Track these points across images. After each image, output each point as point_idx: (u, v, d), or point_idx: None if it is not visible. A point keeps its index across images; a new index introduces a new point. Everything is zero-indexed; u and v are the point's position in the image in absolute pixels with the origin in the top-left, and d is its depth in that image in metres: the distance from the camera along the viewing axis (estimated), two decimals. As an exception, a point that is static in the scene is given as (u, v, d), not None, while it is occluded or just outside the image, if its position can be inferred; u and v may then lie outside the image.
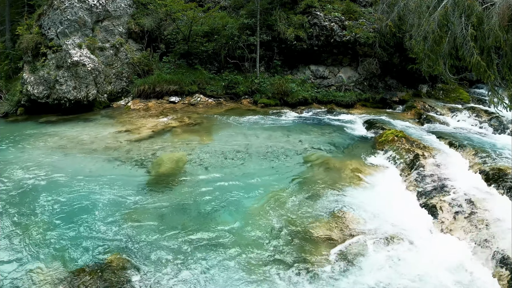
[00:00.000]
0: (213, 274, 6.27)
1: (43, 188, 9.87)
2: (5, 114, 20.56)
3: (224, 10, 22.50)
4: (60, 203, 8.95)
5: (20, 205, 8.95)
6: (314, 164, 10.89)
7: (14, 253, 7.10)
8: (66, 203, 8.90)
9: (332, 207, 8.24)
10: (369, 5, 20.74)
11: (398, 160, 10.64)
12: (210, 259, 6.63)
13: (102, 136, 14.29)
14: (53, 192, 9.58)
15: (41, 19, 20.54)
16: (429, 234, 7.30)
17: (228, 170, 10.65)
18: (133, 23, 21.44)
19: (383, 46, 18.01)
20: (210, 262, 6.56)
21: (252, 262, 6.52)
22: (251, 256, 6.67)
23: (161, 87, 19.38)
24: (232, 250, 6.85)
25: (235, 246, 6.98)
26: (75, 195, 9.35)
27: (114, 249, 7.04)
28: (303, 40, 19.49)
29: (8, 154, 13.02)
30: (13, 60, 27.18)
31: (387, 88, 19.18)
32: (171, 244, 7.10)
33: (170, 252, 6.85)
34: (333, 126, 14.80)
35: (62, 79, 18.77)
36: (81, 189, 9.66)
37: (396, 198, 8.75)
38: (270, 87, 18.76)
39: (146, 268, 6.44)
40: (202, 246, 7.03)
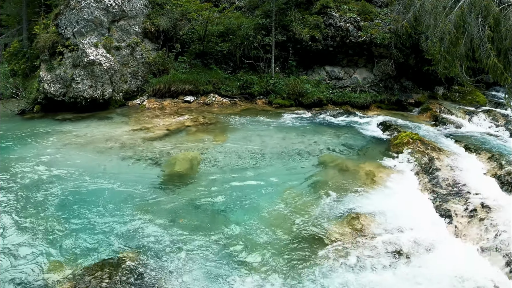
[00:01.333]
0: (224, 273, 6.26)
1: (57, 184, 9.98)
2: (22, 111, 20.82)
3: (239, 10, 22.48)
4: (73, 199, 9.06)
5: (34, 201, 9.07)
6: (328, 165, 10.84)
7: (26, 247, 7.18)
8: (80, 199, 9.00)
9: (346, 209, 8.19)
10: (384, 6, 20.52)
11: (413, 162, 10.54)
12: (222, 259, 6.64)
13: (117, 134, 14.39)
14: (67, 188, 9.69)
15: (58, 19, 20.72)
16: (443, 238, 7.21)
17: (242, 170, 10.64)
18: (149, 23, 21.54)
19: (398, 47, 17.79)
20: (222, 261, 6.56)
21: (263, 262, 6.51)
22: (262, 256, 6.66)
23: (176, 87, 19.44)
24: (244, 250, 6.85)
25: (247, 246, 6.97)
26: (89, 191, 9.45)
27: (127, 245, 7.09)
28: (318, 41, 19.38)
29: (24, 150, 13.19)
30: (30, 58, 27.49)
31: (402, 89, 19.03)
32: (184, 242, 7.12)
33: (183, 251, 6.86)
34: (347, 127, 14.74)
35: (79, 77, 18.92)
36: (95, 186, 9.75)
37: (410, 201, 8.66)
38: (285, 87, 18.73)
39: (158, 266, 6.46)
40: (215, 245, 7.04)
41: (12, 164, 11.70)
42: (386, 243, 6.93)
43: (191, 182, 9.89)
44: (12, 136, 15.53)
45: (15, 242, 7.37)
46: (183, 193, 9.26)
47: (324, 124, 15.32)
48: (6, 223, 8.08)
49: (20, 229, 7.84)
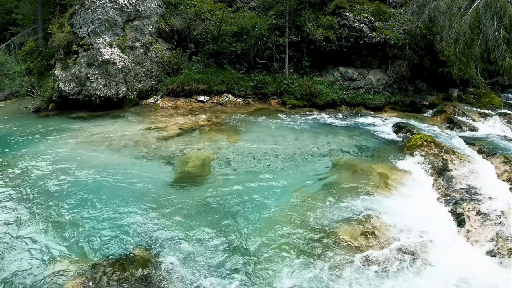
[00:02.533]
0: (235, 274, 6.28)
1: (70, 180, 10.09)
2: (37, 109, 21.07)
3: (253, 10, 22.48)
4: (86, 195, 9.15)
5: (47, 196, 9.19)
6: (341, 167, 10.80)
7: (39, 242, 7.29)
8: (93, 196, 9.07)
9: (358, 211, 8.15)
10: (399, 6, 20.39)
11: (426, 165, 10.44)
12: (233, 258, 6.65)
13: (131, 133, 14.48)
14: (80, 185, 9.79)
15: (73, 18, 20.93)
16: (455, 243, 7.16)
17: (254, 170, 10.64)
18: (163, 23, 21.65)
19: (413, 48, 17.69)
20: (233, 261, 6.58)
21: (274, 263, 6.51)
22: (273, 257, 6.66)
23: (190, 86, 19.49)
24: (255, 251, 6.84)
25: (258, 247, 6.97)
26: (102, 189, 9.53)
27: (138, 243, 7.14)
28: (332, 41, 19.31)
29: (38, 147, 13.37)
30: (46, 57, 27.76)
31: (417, 91, 18.88)
32: (195, 241, 7.14)
33: (193, 250, 6.89)
34: (361, 129, 14.67)
35: (93, 76, 19.07)
36: (108, 184, 9.84)
37: (423, 204, 8.60)
38: (299, 88, 18.69)
39: (168, 264, 6.50)
40: (226, 245, 7.06)
41: (26, 160, 11.88)
42: (397, 246, 6.90)
43: (203, 181, 9.91)
44: (27, 133, 15.74)
45: (28, 237, 7.49)
46: (195, 192, 9.29)
47: (337, 125, 15.27)
48: (20, 218, 8.20)
49: (33, 224, 7.96)
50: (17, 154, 12.62)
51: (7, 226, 7.92)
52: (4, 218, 8.21)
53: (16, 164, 11.64)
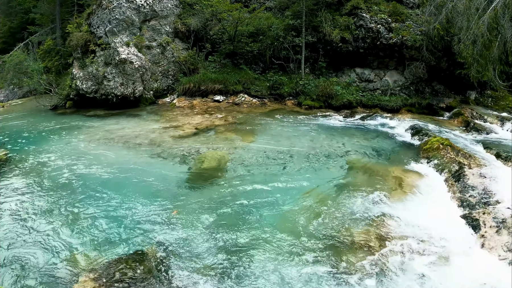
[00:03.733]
0: (246, 274, 6.26)
1: (86, 177, 10.22)
2: (54, 107, 21.38)
3: (269, 10, 22.47)
4: (102, 192, 9.23)
5: (64, 192, 9.31)
6: (356, 169, 10.71)
7: (54, 237, 7.37)
8: (108, 194, 9.15)
9: (372, 214, 8.06)
10: (416, 7, 20.20)
11: (442, 169, 10.27)
12: (245, 258, 6.62)
13: (147, 132, 14.60)
14: (95, 182, 9.90)
15: (90, 18, 21.15)
16: (468, 249, 7.03)
17: (269, 170, 10.62)
18: (180, 23, 21.77)
19: (430, 50, 17.52)
20: (245, 261, 6.55)
21: (286, 263, 6.48)
22: (285, 257, 6.62)
23: (206, 86, 19.58)
24: (268, 251, 6.81)
25: (271, 247, 6.93)
26: (117, 186, 9.61)
27: (151, 241, 7.16)
28: (349, 42, 19.25)
29: (55, 143, 13.58)
30: (63, 56, 28.08)
31: (434, 93, 18.69)
32: (208, 241, 7.14)
33: (206, 249, 6.89)
34: (377, 131, 14.57)
35: (110, 75, 19.23)
36: (124, 181, 9.93)
37: (438, 208, 8.46)
38: (315, 89, 18.65)
39: (180, 263, 6.51)
40: (238, 244, 7.04)
41: (43, 156, 12.07)
42: (411, 251, 6.82)
43: (218, 181, 9.92)
44: (44, 129, 15.99)
45: (43, 231, 7.60)
46: (209, 191, 9.30)
47: (353, 127, 15.19)
48: (35, 212, 8.33)
49: (47, 219, 8.07)
50: (34, 150, 12.82)
51: (23, 220, 8.06)
52: (19, 212, 8.36)
53: (33, 159, 11.83)
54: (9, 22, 40.63)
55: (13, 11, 40.20)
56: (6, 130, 16.61)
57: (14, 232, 7.59)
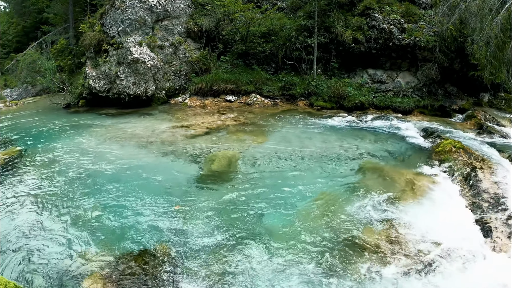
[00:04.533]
0: (256, 274, 6.23)
1: (97, 175, 10.30)
2: (67, 105, 21.66)
3: (281, 11, 22.46)
4: (112, 190, 9.30)
5: (75, 189, 9.39)
6: (368, 171, 10.59)
7: (66, 233, 7.43)
8: (118, 191, 9.22)
9: (383, 217, 7.96)
10: (429, 7, 19.98)
11: (455, 172, 10.10)
12: (255, 259, 6.59)
13: (159, 131, 14.68)
14: (107, 179, 9.97)
15: (103, 18, 21.33)
16: (479, 254, 6.95)
17: (280, 171, 10.59)
18: (192, 23, 21.86)
19: (443, 51, 17.31)
20: (254, 262, 6.53)
21: (295, 265, 6.45)
22: (295, 259, 6.60)
23: (218, 86, 19.66)
24: (278, 252, 6.78)
25: (281, 248, 6.90)
26: (128, 184, 9.66)
27: (161, 239, 7.18)
28: (361, 43, 19.16)
29: (68, 142, 13.73)
30: (76, 55, 28.41)
31: (446, 95, 18.51)
32: (218, 241, 7.13)
33: (216, 249, 6.88)
34: (389, 132, 14.45)
35: (123, 74, 19.36)
36: (135, 179, 9.97)
37: (449, 212, 8.32)
38: (327, 89, 18.59)
39: (190, 262, 6.51)
40: (248, 245, 7.00)
41: (55, 154, 12.22)
42: (421, 254, 6.75)
43: (229, 181, 9.92)
44: (57, 127, 16.18)
45: (54, 227, 7.67)
46: (220, 191, 9.29)
47: (365, 128, 15.11)
48: (46, 208, 8.43)
49: (59, 215, 8.15)
50: (46, 147, 13.00)
51: (34, 215, 8.16)
52: (31, 209, 8.45)
53: (45, 156, 11.99)
54: (22, 21, 41.18)
55: (27, 11, 40.72)
56: (20, 128, 16.82)
57: (25, 227, 7.68)
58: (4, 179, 10.16)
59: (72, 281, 6.07)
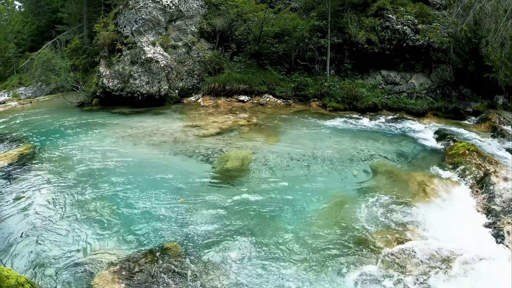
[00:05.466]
0: (267, 274, 6.23)
1: (109, 172, 10.40)
2: (81, 104, 21.89)
3: (294, 11, 22.46)
4: (125, 188, 9.37)
5: (88, 186, 9.49)
6: (380, 173, 10.54)
7: (76, 229, 7.51)
8: (131, 189, 9.28)
9: (395, 219, 7.91)
10: (443, 8, 19.77)
11: (468, 175, 9.97)
12: (265, 260, 6.58)
13: (171, 130, 14.78)
14: (119, 177, 10.05)
15: (117, 18, 21.48)
16: (491, 259, 6.86)
17: (292, 172, 10.57)
18: (205, 23, 21.93)
19: (457, 52, 17.15)
20: (265, 262, 6.52)
21: (306, 265, 6.43)
22: (305, 259, 6.57)
23: (231, 86, 19.71)
24: (289, 253, 6.76)
25: (292, 249, 6.88)
26: (140, 182, 9.73)
27: (172, 237, 7.20)
28: (375, 44, 19.07)
29: (81, 139, 13.92)
30: (90, 54, 28.67)
31: (460, 97, 18.32)
32: (229, 240, 7.14)
33: (227, 249, 6.89)
34: (402, 134, 14.37)
35: (136, 74, 19.48)
36: (147, 178, 10.03)
37: (462, 216, 8.22)
38: (340, 91, 18.53)
39: (200, 261, 6.52)
40: (259, 245, 7.00)
41: (69, 151, 12.37)
42: (432, 258, 6.69)
43: (240, 181, 9.93)
44: (71, 125, 16.37)
45: (66, 223, 7.75)
46: (231, 190, 9.31)
47: (377, 130, 15.04)
48: (59, 205, 8.53)
49: (71, 212, 8.24)
50: (60, 145, 13.18)
51: (47, 211, 8.26)
52: (43, 204, 8.57)
53: (59, 153, 12.16)
54: (37, 21, 41.63)
55: (42, 11, 41.18)
56: (34, 125, 17.03)
57: (37, 222, 7.79)
58: (18, 174, 10.31)
59: (82, 276, 6.13)
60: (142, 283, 5.94)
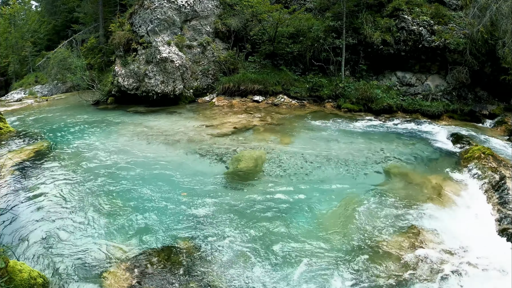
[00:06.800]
0: (279, 275, 6.20)
1: (124, 170, 10.46)
2: (96, 102, 22.17)
3: (309, 12, 22.43)
4: (137, 185, 9.42)
5: (102, 183, 9.55)
6: (394, 175, 10.44)
7: (88, 226, 7.54)
8: (144, 187, 9.31)
9: (408, 223, 7.82)
10: (459, 9, 19.54)
11: (483, 179, 9.76)
12: (276, 260, 6.57)
13: (186, 129, 14.86)
14: (133, 175, 10.11)
15: (133, 18, 21.63)
16: (506, 265, 6.81)
17: (305, 173, 10.52)
18: (220, 23, 22.00)
19: (474, 54, 16.94)
20: (276, 262, 6.50)
21: (317, 267, 6.38)
22: (317, 262, 6.53)
23: (245, 86, 19.75)
24: (300, 253, 6.74)
25: (303, 249, 6.86)
26: (153, 180, 9.77)
27: (184, 235, 7.21)
28: (390, 45, 18.96)
29: (96, 137, 14.06)
30: (106, 54, 28.90)
31: (476, 99, 18.06)
32: (241, 240, 7.13)
33: (239, 248, 6.88)
34: (417, 137, 14.21)
35: (151, 73, 19.60)
36: (160, 176, 10.08)
37: (476, 220, 8.11)
38: (355, 92, 18.42)
39: (212, 260, 6.52)
40: (271, 245, 6.97)
41: (84, 149, 12.47)
42: (445, 263, 6.61)
43: (254, 181, 9.92)
44: (86, 124, 16.53)
45: (79, 220, 7.79)
46: (245, 190, 9.32)
47: (392, 132, 14.94)
48: (72, 202, 8.57)
49: (84, 208, 8.29)
50: (74, 142, 13.30)
51: (60, 207, 8.32)
52: (57, 201, 8.61)
53: (73, 151, 12.26)
54: (53, 20, 42.08)
55: (58, 10, 41.62)
56: (49, 122, 17.23)
57: (51, 218, 7.84)
58: (33, 170, 10.39)
59: (94, 272, 6.16)
60: (153, 280, 5.96)
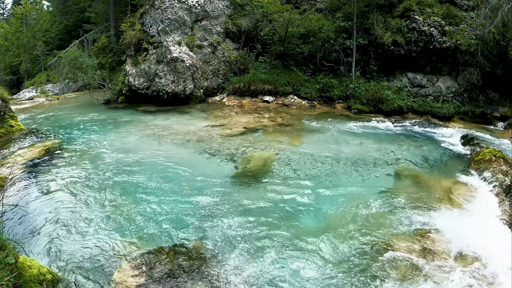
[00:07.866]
0: (289, 275, 6.18)
1: (133, 169, 10.49)
2: (107, 101, 22.33)
3: (320, 12, 22.44)
4: (147, 185, 9.42)
5: (110, 182, 9.59)
6: (404, 177, 10.34)
7: (98, 224, 7.57)
8: (154, 186, 9.33)
9: (417, 226, 7.72)
10: (470, 9, 19.46)
11: (494, 182, 9.66)
12: (284, 260, 6.54)
13: (196, 129, 14.90)
14: (143, 174, 10.12)
15: (143, 17, 21.74)
16: None
17: (315, 174, 10.47)
18: (231, 23, 22.06)
19: (485, 55, 16.85)
20: (284, 263, 6.48)
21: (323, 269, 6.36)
22: (324, 264, 6.51)
23: (256, 86, 19.78)
24: (308, 255, 6.70)
25: (311, 250, 6.82)
26: (163, 179, 9.78)
27: (193, 234, 7.22)
28: (401, 46, 18.88)
29: (106, 136, 14.14)
30: (117, 53, 29.11)
31: (488, 101, 17.95)
32: (250, 240, 7.10)
33: (247, 248, 6.85)
34: (427, 139, 14.14)
35: (162, 73, 19.69)
36: (170, 175, 10.08)
37: (487, 225, 8.04)
38: (365, 93, 18.37)
39: (221, 258, 6.52)
40: (279, 246, 6.94)
41: (94, 147, 12.54)
42: (454, 268, 6.60)
43: (263, 181, 9.88)
44: (97, 122, 16.65)
45: (89, 218, 7.83)
46: (254, 190, 9.29)
47: (402, 133, 14.86)
48: (82, 200, 8.62)
49: (94, 206, 8.34)
50: (85, 141, 13.38)
51: (70, 205, 8.38)
52: (67, 198, 8.67)
53: (84, 149, 12.33)
54: (65, 20, 42.46)
55: (69, 10, 41.99)
56: (60, 121, 17.36)
57: (61, 215, 7.89)
58: (43, 167, 10.48)
59: (103, 269, 6.19)
60: (162, 279, 5.97)
